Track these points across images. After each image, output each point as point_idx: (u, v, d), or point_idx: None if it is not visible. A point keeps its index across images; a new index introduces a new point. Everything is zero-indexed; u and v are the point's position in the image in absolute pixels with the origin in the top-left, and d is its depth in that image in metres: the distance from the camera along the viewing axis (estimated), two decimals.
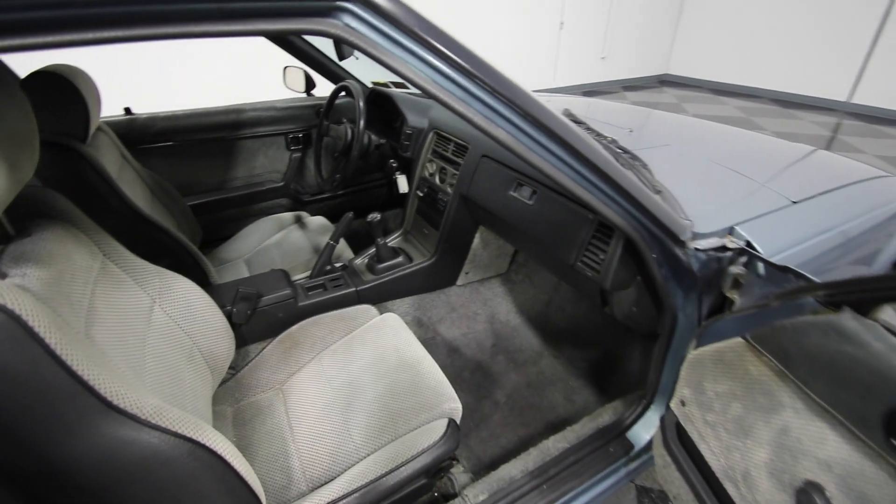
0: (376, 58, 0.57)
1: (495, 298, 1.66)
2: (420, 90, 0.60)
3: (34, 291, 0.60)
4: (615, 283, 0.98)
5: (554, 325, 1.59)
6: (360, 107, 1.49)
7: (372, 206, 2.25)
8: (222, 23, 0.48)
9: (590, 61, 6.54)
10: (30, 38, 0.42)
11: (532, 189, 1.19)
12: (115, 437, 0.58)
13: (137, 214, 1.21)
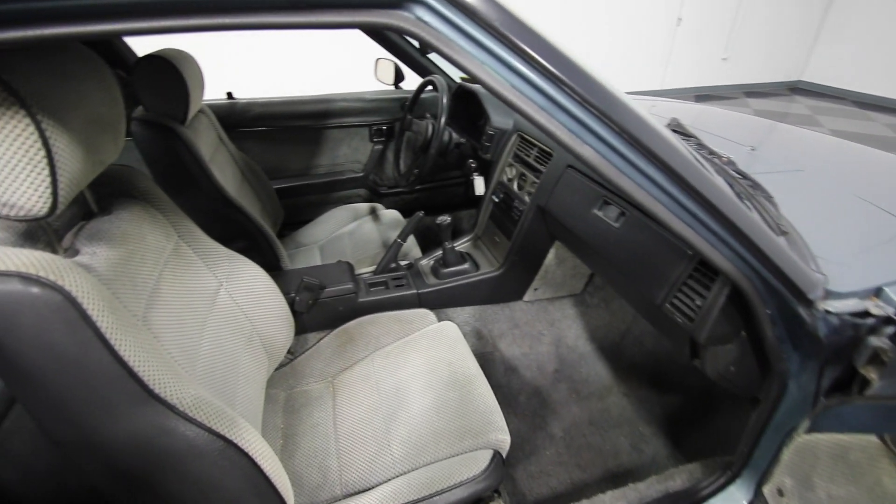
0: (448, 56, 0.50)
1: (564, 320, 1.53)
2: (495, 96, 0.52)
3: (98, 271, 0.62)
4: (712, 336, 0.82)
5: (628, 360, 1.43)
6: (442, 102, 1.43)
7: (447, 205, 2.20)
8: (287, 13, 0.44)
9: (709, 62, 5.88)
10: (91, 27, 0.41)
11: (620, 210, 1.05)
12: (153, 425, 0.59)
13: (223, 196, 1.27)
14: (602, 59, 5.27)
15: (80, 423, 0.55)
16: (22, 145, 0.48)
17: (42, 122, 0.49)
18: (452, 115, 1.58)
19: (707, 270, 0.85)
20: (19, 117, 0.47)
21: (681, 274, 0.88)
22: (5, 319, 0.49)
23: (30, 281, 0.50)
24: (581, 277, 1.51)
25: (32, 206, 0.51)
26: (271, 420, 1.06)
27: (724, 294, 0.79)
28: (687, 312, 0.87)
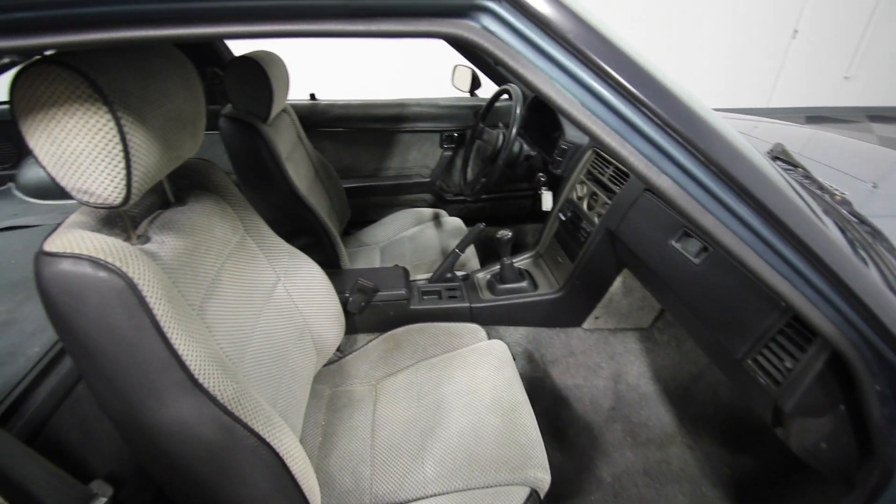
0: (513, 69, 0.46)
1: (627, 355, 1.40)
2: (562, 114, 0.47)
3: (163, 260, 0.66)
4: (801, 406, 0.69)
5: (698, 408, 1.28)
6: (515, 112, 1.39)
7: (511, 217, 2.14)
8: (347, 22, 0.43)
9: (827, 79, 5.22)
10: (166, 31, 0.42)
11: (702, 245, 0.93)
12: (194, 414, 0.61)
13: (294, 193, 1.32)
14: (700, 71, 4.89)
15: (129, 402, 0.58)
16: (101, 139, 0.51)
17: (122, 118, 0.52)
18: (525, 125, 1.52)
19: (802, 328, 0.72)
20: (101, 113, 0.50)
21: (769, 328, 0.76)
22: (74, 298, 0.53)
23: (98, 265, 0.53)
24: (650, 311, 1.38)
25: (108, 195, 0.54)
26: (314, 415, 1.07)
27: (821, 360, 0.66)
28: (773, 374, 0.74)
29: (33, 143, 0.51)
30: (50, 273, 0.52)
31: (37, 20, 0.39)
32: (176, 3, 0.40)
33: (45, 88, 0.49)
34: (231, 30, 0.42)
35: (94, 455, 0.82)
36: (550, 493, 0.90)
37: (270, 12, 0.41)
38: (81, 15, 0.39)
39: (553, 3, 0.44)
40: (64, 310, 0.53)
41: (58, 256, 0.52)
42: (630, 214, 1.13)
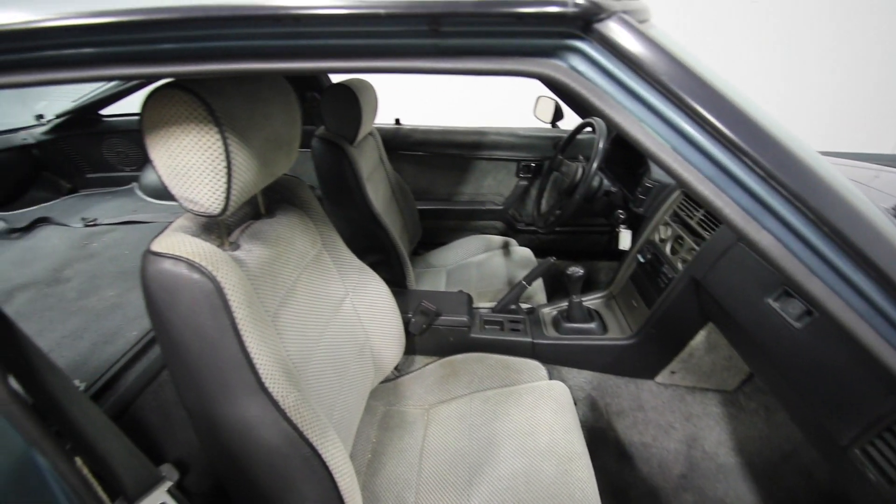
0: (599, 110, 0.44)
1: (706, 418, 1.26)
2: (650, 158, 0.45)
3: (248, 267, 0.71)
4: None
5: (787, 492, 1.11)
6: (598, 146, 1.35)
7: (584, 253, 2.06)
8: (435, 59, 0.44)
9: None
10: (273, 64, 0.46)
11: (805, 308, 0.82)
12: (258, 415, 0.64)
13: (371, 212, 1.38)
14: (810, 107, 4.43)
15: (203, 396, 0.63)
16: (210, 156, 0.57)
17: (228, 138, 0.57)
18: (607, 160, 1.47)
19: None
20: (212, 133, 0.56)
21: (885, 415, 0.63)
22: (169, 295, 0.59)
23: (193, 267, 0.59)
24: (736, 372, 1.24)
25: (210, 205, 0.60)
26: (366, 431, 1.09)
27: None
28: (886, 470, 0.63)
29: (153, 155, 0.58)
30: (153, 270, 0.58)
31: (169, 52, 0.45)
32: (287, 40, 0.44)
33: (169, 109, 0.56)
34: (333, 65, 0.45)
35: (167, 439, 0.89)
36: None
37: (368, 50, 0.44)
38: (206, 49, 0.45)
39: (646, 42, 0.42)
40: (160, 304, 0.59)
41: (161, 256, 0.58)
42: (720, 264, 1.03)
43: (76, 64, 0.47)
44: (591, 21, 0.42)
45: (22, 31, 0.45)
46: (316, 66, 0.46)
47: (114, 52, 0.46)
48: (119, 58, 0.46)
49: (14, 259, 1.53)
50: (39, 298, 1.28)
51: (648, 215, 1.41)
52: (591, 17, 0.42)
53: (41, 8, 0.44)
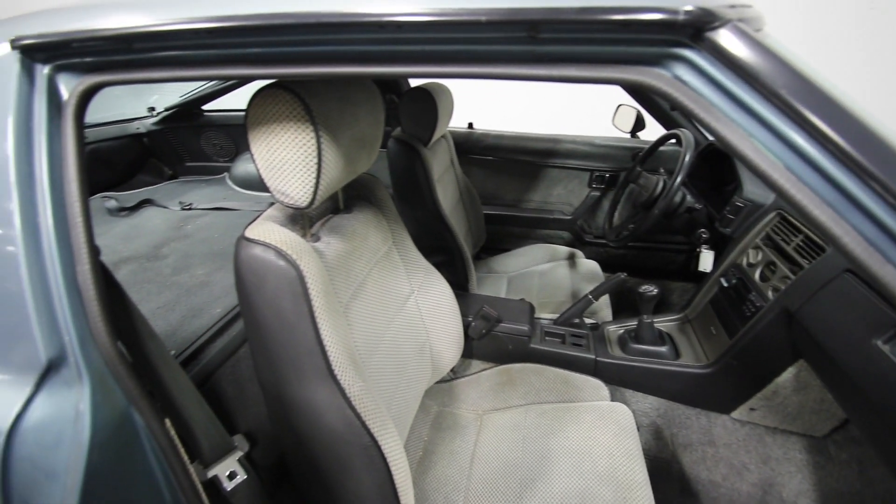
0: (704, 122, 0.42)
1: (786, 464, 1.14)
2: (759, 176, 0.41)
3: (327, 258, 0.75)
4: None
5: None
6: (684, 160, 1.27)
7: (657, 271, 1.95)
8: (532, 66, 0.44)
9: None
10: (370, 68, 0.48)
11: None
12: (325, 400, 0.67)
13: (439, 213, 1.40)
14: None
15: (277, 375, 0.67)
16: (304, 153, 0.60)
17: (322, 136, 0.61)
18: (692, 175, 1.38)
19: None
20: (308, 131, 0.60)
21: None
22: (258, 278, 0.63)
23: (281, 255, 0.63)
24: (828, 418, 1.10)
25: (298, 198, 0.64)
26: (419, 429, 1.10)
27: None
28: None
29: (254, 149, 0.62)
30: (245, 255, 0.63)
31: (279, 55, 0.48)
32: (387, 46, 0.45)
33: (272, 107, 0.60)
34: (429, 70, 0.46)
35: (240, 411, 0.96)
36: None
37: (465, 56, 0.44)
38: (313, 52, 0.48)
39: (764, 52, 0.39)
40: (248, 286, 0.64)
41: (253, 242, 0.63)
42: (820, 297, 0.93)
43: (198, 63, 0.53)
44: (703, 29, 0.39)
45: (151, 34, 0.50)
46: (412, 71, 0.47)
47: (232, 53, 0.51)
48: (236, 59, 0.51)
49: (121, 234, 1.73)
50: (140, 271, 1.43)
51: (736, 237, 1.30)
52: (703, 26, 0.39)
53: (170, 12, 0.50)
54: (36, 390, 0.54)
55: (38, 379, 0.53)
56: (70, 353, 0.54)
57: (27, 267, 0.54)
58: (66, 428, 0.54)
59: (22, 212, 0.54)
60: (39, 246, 0.54)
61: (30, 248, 0.54)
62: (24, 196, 0.54)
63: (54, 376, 0.54)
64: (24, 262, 0.53)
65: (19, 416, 0.53)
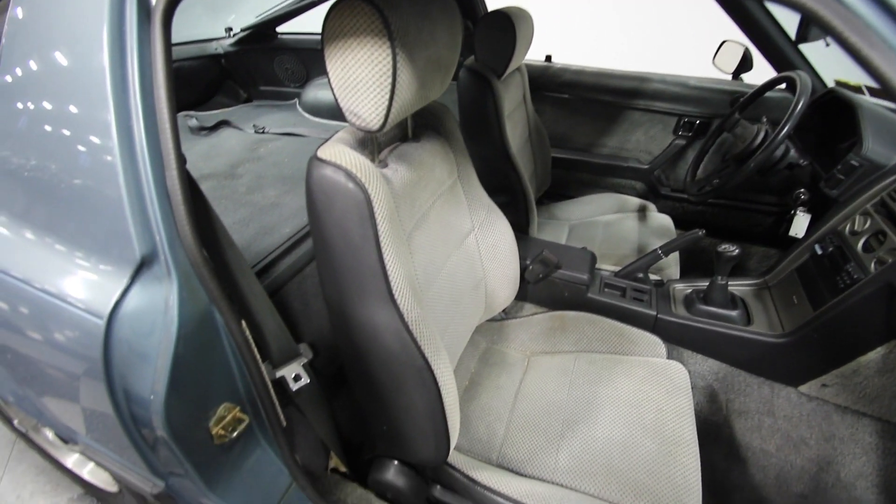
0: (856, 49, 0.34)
1: (851, 445, 1.06)
2: None
3: (394, 186, 0.74)
4: None
5: None
6: (796, 107, 1.10)
7: (737, 233, 1.79)
8: None
9: None
10: None
11: None
12: (384, 322, 0.70)
13: (505, 151, 1.35)
14: None
15: (341, 293, 0.70)
16: (379, 71, 0.58)
17: (398, 54, 0.58)
18: (801, 126, 1.21)
19: None
20: (385, 48, 0.57)
21: None
22: (328, 199, 0.64)
23: (350, 177, 0.63)
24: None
25: (370, 120, 0.63)
26: (467, 362, 1.13)
27: None
28: None
29: (330, 67, 0.61)
30: (317, 175, 0.64)
31: None
32: None
33: (350, 20, 0.57)
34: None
35: (305, 324, 1.03)
36: None
37: None
38: None
39: None
40: (318, 205, 0.65)
41: (325, 163, 0.63)
42: None
43: None
44: None
45: None
46: None
47: None
48: None
49: (202, 153, 1.83)
50: (218, 188, 1.52)
51: (842, 200, 1.14)
52: None
53: None
54: (131, 282, 0.59)
55: (133, 272, 0.59)
56: (161, 251, 0.59)
57: (123, 173, 0.57)
58: (158, 318, 0.60)
59: (118, 121, 0.57)
60: (133, 153, 0.58)
61: (125, 157, 0.57)
62: (119, 106, 0.57)
63: (147, 272, 0.60)
64: (120, 169, 0.57)
65: (118, 302, 0.59)
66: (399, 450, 0.85)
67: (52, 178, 0.64)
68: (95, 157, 0.59)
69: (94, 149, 0.59)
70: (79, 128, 0.60)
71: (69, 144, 0.61)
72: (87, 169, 0.60)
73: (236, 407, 0.70)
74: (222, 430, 0.68)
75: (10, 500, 1.37)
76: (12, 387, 0.86)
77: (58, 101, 0.61)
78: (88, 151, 0.59)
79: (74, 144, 0.60)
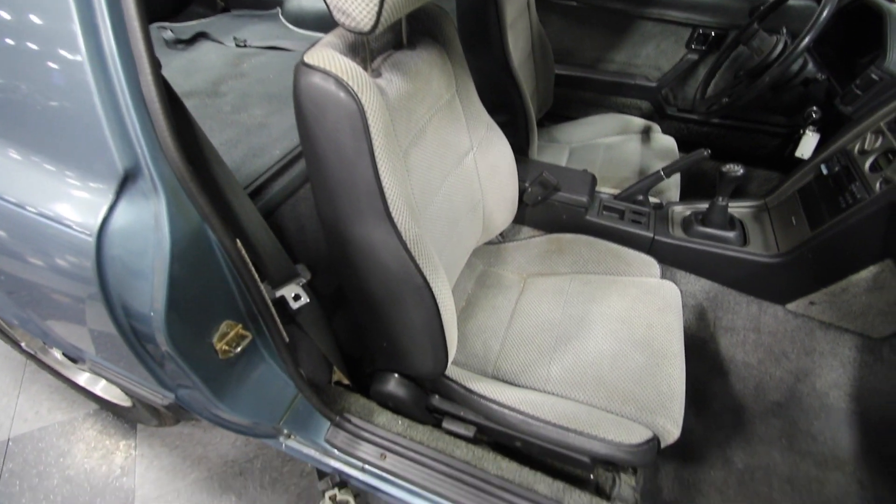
0: None
1: (829, 358, 1.12)
2: None
3: (388, 97, 0.69)
4: None
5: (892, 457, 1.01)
6: (821, 15, 1.02)
7: (743, 155, 1.74)
8: None
9: None
10: None
11: None
12: (381, 240, 0.69)
13: (507, 65, 1.26)
14: None
15: (337, 212, 0.68)
16: None
17: None
18: (822, 38, 1.12)
19: None
20: None
21: None
22: (318, 109, 0.60)
23: (341, 85, 0.58)
24: (894, 321, 1.05)
25: (361, 19, 0.56)
26: (463, 283, 1.15)
27: None
28: None
29: None
30: (305, 82, 0.59)
31: None
32: None
33: None
34: None
35: (302, 246, 1.02)
36: (668, 447, 0.84)
37: None
38: None
39: None
40: (308, 117, 0.61)
41: (313, 69, 0.58)
42: None
43: None
44: None
45: None
46: None
47: None
48: None
49: (181, 68, 1.71)
50: (201, 107, 1.43)
51: (857, 117, 1.10)
52: None
53: None
54: (117, 198, 0.57)
55: (118, 187, 0.57)
56: (144, 165, 0.56)
57: (95, 82, 0.53)
58: (149, 236, 0.58)
59: (83, 29, 0.52)
60: (103, 60, 0.53)
61: (95, 64, 0.53)
62: (82, 12, 0.51)
63: (132, 187, 0.57)
64: (91, 78, 0.53)
65: (106, 218, 0.57)
66: (399, 364, 0.88)
67: (24, 96, 0.59)
68: (64, 70, 0.54)
69: (62, 61, 0.54)
70: (44, 41, 0.54)
71: (35, 57, 0.56)
72: (57, 84, 0.56)
73: (238, 324, 0.71)
74: (226, 346, 0.70)
75: (29, 416, 1.45)
76: (14, 310, 0.86)
77: (16, 13, 0.55)
78: (55, 63, 0.55)
79: (40, 57, 0.55)
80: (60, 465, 1.34)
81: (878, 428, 1.05)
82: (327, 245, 0.76)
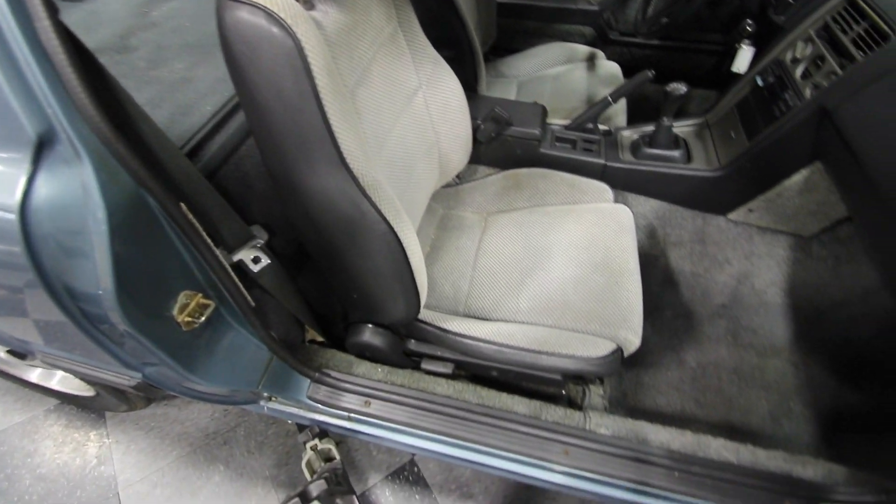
0: None
1: (766, 259, 1.23)
2: None
3: (326, 31, 0.64)
4: None
5: (825, 336, 1.14)
6: None
7: (683, 75, 1.77)
8: None
9: None
10: None
11: None
12: (339, 189, 0.66)
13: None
14: None
15: (287, 163, 0.64)
16: None
17: None
18: None
19: None
20: None
21: None
22: (250, 49, 0.54)
23: (272, 19, 0.53)
24: (821, 219, 1.14)
25: None
26: (425, 229, 1.14)
27: None
28: None
29: None
30: (230, 19, 0.53)
31: None
32: None
33: None
34: None
35: (251, 207, 0.97)
36: (630, 356, 0.91)
37: None
38: None
39: None
40: (241, 59, 0.55)
41: (237, 2, 0.52)
42: (867, 94, 0.85)
43: None
44: None
45: None
46: None
47: None
48: None
49: (80, 23, 1.49)
50: (112, 65, 1.27)
51: (788, 27, 1.13)
52: None
53: None
54: (35, 167, 0.51)
55: (33, 155, 0.50)
56: (59, 128, 0.49)
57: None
58: (79, 208, 0.53)
59: None
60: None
61: None
62: None
63: (50, 153, 0.51)
64: None
65: (27, 192, 0.51)
66: (372, 314, 0.88)
67: None
68: None
69: None
70: None
71: None
72: None
73: (198, 294, 0.68)
74: (188, 317, 0.67)
75: None
76: None
77: None
78: None
79: None
80: (29, 466, 1.29)
81: (809, 316, 1.18)
82: (281, 202, 0.73)
